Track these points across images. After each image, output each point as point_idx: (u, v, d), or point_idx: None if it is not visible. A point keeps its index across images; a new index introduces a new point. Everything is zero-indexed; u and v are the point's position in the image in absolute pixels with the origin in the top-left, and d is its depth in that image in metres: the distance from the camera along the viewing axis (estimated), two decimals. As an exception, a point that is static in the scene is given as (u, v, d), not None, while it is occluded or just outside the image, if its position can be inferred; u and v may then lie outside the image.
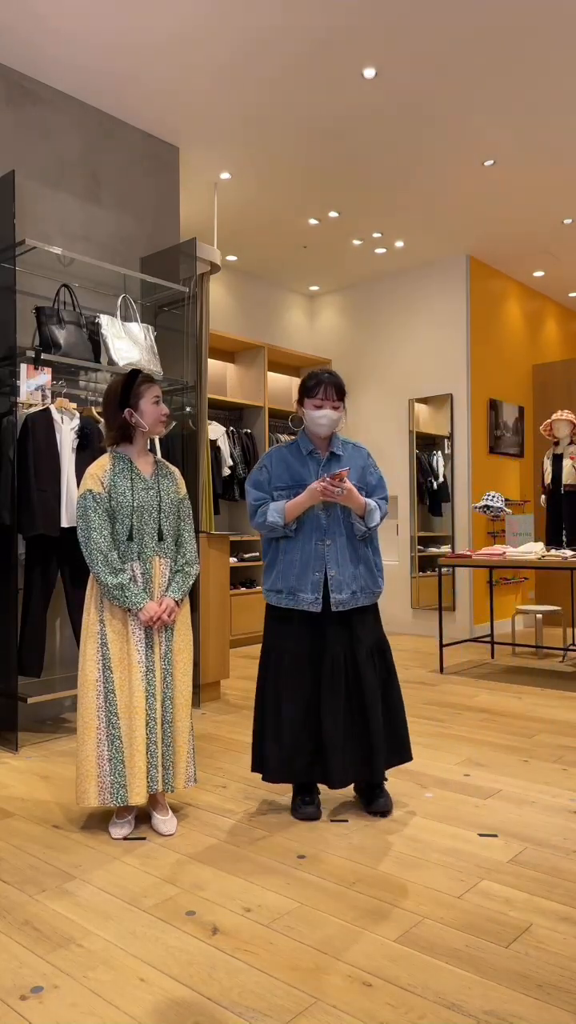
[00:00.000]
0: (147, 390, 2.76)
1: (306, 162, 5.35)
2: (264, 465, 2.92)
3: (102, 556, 2.64)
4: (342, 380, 2.88)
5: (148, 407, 2.76)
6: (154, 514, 2.74)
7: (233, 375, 7.22)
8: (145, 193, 4.96)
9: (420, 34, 3.97)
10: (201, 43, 4.06)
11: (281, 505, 2.80)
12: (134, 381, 2.75)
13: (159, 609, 2.68)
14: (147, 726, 2.67)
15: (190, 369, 4.69)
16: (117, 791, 2.65)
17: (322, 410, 2.81)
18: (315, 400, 2.82)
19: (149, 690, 2.68)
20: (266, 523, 2.82)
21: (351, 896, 2.26)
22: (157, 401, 2.78)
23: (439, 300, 7.30)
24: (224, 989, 1.82)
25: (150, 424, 2.77)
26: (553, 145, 5.13)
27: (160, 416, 2.79)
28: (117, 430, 2.76)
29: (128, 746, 2.65)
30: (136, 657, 2.67)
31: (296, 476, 2.86)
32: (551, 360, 8.39)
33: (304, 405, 2.86)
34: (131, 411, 2.74)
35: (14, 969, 1.91)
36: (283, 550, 2.87)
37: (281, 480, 2.87)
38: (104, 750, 2.66)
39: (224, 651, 4.72)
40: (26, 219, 4.27)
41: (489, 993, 1.80)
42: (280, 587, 2.85)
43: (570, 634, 6.99)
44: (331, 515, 2.84)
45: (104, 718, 2.67)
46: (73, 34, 3.97)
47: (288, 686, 2.82)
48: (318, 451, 2.91)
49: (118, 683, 2.67)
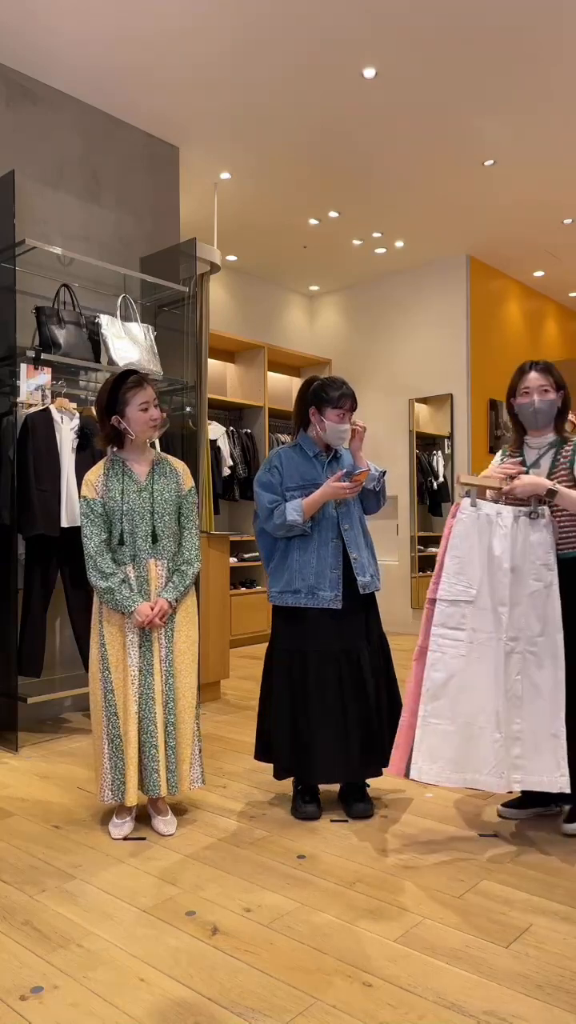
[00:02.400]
0: (134, 396, 2.68)
1: (306, 162, 5.35)
2: (275, 466, 2.90)
3: (92, 561, 2.66)
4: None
5: (135, 413, 2.69)
6: (146, 517, 2.71)
7: (233, 375, 7.22)
8: (145, 193, 4.96)
9: (420, 34, 3.97)
10: (201, 43, 4.06)
11: (298, 503, 2.79)
12: (121, 386, 2.69)
13: (151, 612, 2.66)
14: (141, 729, 2.67)
15: (190, 369, 4.69)
16: (118, 788, 2.68)
17: (344, 423, 2.83)
18: (339, 411, 2.82)
19: (144, 692, 2.67)
20: (285, 523, 2.80)
21: (351, 896, 2.26)
22: (146, 407, 2.69)
23: (439, 300, 7.30)
24: (224, 989, 1.82)
25: (137, 431, 2.70)
26: (553, 145, 5.13)
27: (149, 422, 2.70)
28: (106, 435, 2.74)
29: (125, 745, 2.67)
30: (130, 660, 2.67)
31: (307, 476, 2.87)
32: (551, 360, 8.39)
33: (325, 415, 2.84)
34: (118, 418, 2.70)
35: (14, 969, 1.91)
36: (297, 549, 2.85)
37: (292, 480, 2.86)
38: (106, 748, 2.69)
39: (224, 651, 4.72)
40: (26, 219, 4.27)
41: (489, 993, 1.80)
42: (298, 587, 2.83)
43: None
44: (343, 505, 2.88)
45: (105, 717, 2.69)
46: (73, 34, 3.97)
47: (301, 685, 2.81)
48: (323, 454, 2.93)
49: (115, 684, 2.69)
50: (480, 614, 2.57)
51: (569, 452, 2.68)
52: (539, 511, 2.59)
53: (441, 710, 2.53)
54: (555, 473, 2.68)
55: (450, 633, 2.56)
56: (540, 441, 2.76)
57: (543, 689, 2.56)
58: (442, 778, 2.51)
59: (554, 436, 2.74)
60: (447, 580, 2.58)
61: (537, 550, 2.59)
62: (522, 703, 2.57)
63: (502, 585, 2.57)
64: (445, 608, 2.57)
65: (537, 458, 2.74)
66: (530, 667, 2.57)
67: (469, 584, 2.57)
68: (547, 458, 2.72)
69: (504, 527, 2.58)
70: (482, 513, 2.60)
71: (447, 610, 2.57)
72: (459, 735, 2.52)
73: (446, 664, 2.54)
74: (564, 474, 2.66)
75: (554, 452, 2.71)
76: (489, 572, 2.58)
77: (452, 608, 2.57)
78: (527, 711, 2.57)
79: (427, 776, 2.50)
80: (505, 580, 2.56)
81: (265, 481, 2.89)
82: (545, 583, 2.58)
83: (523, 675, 2.58)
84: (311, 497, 2.79)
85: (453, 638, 2.56)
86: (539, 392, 2.70)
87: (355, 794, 2.90)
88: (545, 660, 2.56)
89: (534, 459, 2.75)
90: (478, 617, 2.57)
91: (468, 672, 2.54)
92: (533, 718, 2.56)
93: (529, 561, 2.59)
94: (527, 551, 2.59)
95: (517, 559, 2.59)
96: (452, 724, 2.52)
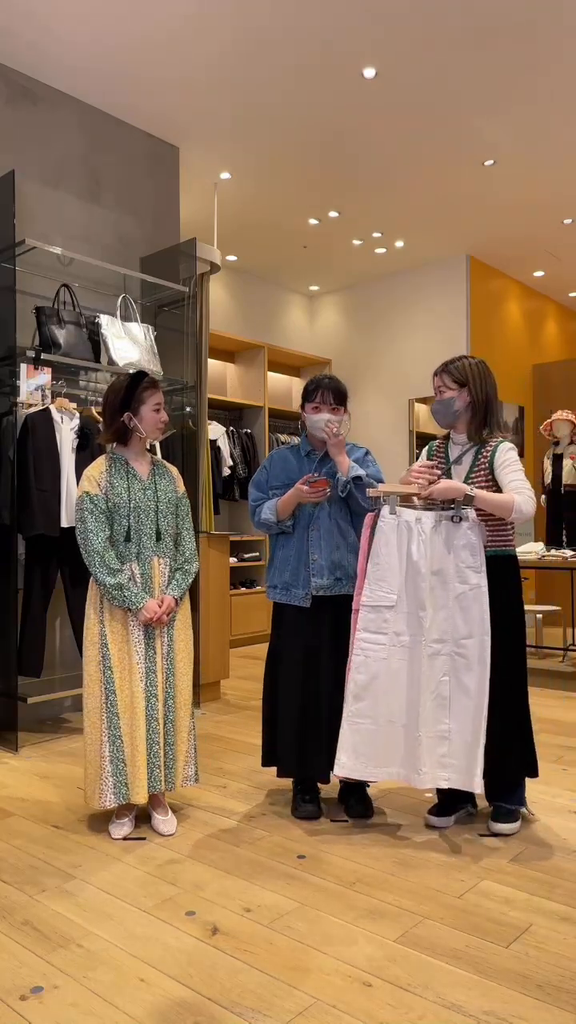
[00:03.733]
0: (150, 396, 2.76)
1: (306, 162, 5.35)
2: (265, 466, 3.00)
3: (99, 558, 2.65)
4: (342, 385, 2.91)
5: (148, 413, 2.76)
6: (151, 514, 2.75)
7: (233, 375, 7.22)
8: (145, 193, 4.96)
9: (420, 34, 3.97)
10: (201, 43, 4.06)
11: (273, 503, 2.88)
12: (138, 384, 2.74)
13: (159, 609, 2.68)
14: (148, 726, 2.68)
15: (190, 369, 4.69)
16: (120, 790, 2.66)
17: (320, 414, 2.84)
18: (313, 404, 2.88)
19: (150, 690, 2.69)
20: (260, 520, 2.91)
21: (351, 896, 2.26)
22: (158, 408, 2.78)
23: (439, 300, 7.30)
24: (224, 989, 1.82)
25: (148, 430, 2.78)
26: (553, 145, 5.13)
27: (159, 423, 2.79)
28: (114, 431, 2.76)
29: (129, 745, 2.66)
30: (136, 658, 2.67)
31: (292, 475, 2.92)
32: (551, 360, 8.39)
33: (304, 409, 2.92)
34: (130, 415, 2.74)
35: (14, 969, 1.91)
36: (280, 546, 2.94)
37: (278, 479, 2.94)
38: (107, 750, 2.67)
39: (224, 651, 4.73)
40: (26, 219, 4.27)
41: (489, 993, 1.80)
42: (276, 582, 2.93)
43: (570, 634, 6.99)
44: (317, 506, 2.88)
45: (106, 719, 2.67)
46: (73, 34, 3.97)
47: (287, 681, 2.86)
48: (316, 452, 2.95)
49: (118, 683, 2.68)
50: (401, 618, 2.63)
51: (488, 453, 2.70)
52: (461, 514, 2.61)
53: (364, 710, 2.61)
54: (474, 472, 2.71)
55: (372, 637, 2.62)
56: (463, 439, 2.79)
57: (470, 690, 2.60)
58: (365, 773, 2.62)
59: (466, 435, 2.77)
60: (369, 587, 2.63)
61: (462, 553, 2.61)
62: (450, 704, 2.62)
63: (421, 590, 2.60)
64: (368, 613, 2.63)
65: (460, 455, 2.77)
66: (459, 669, 2.62)
67: (390, 590, 2.62)
68: (468, 456, 2.75)
69: (423, 533, 2.62)
70: (402, 520, 2.64)
71: (369, 615, 2.63)
72: (381, 733, 2.61)
73: (368, 667, 2.61)
74: (483, 474, 2.68)
75: (475, 451, 2.74)
76: (409, 577, 2.63)
77: (374, 613, 2.63)
78: (455, 711, 2.62)
79: (348, 771, 2.61)
80: (424, 585, 2.60)
81: (255, 480, 3.00)
82: (471, 585, 2.60)
83: (451, 676, 2.62)
84: (283, 497, 2.85)
85: (375, 642, 2.62)
86: (437, 393, 2.76)
87: (355, 794, 2.90)
88: (473, 663, 2.60)
89: (457, 455, 2.78)
90: (399, 621, 2.63)
91: (390, 674, 2.62)
92: (461, 718, 2.61)
93: (453, 564, 2.62)
94: (450, 555, 2.62)
95: (439, 563, 2.62)
96: (374, 723, 2.61)
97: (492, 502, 2.56)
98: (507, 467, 2.65)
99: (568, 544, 6.22)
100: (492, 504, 2.57)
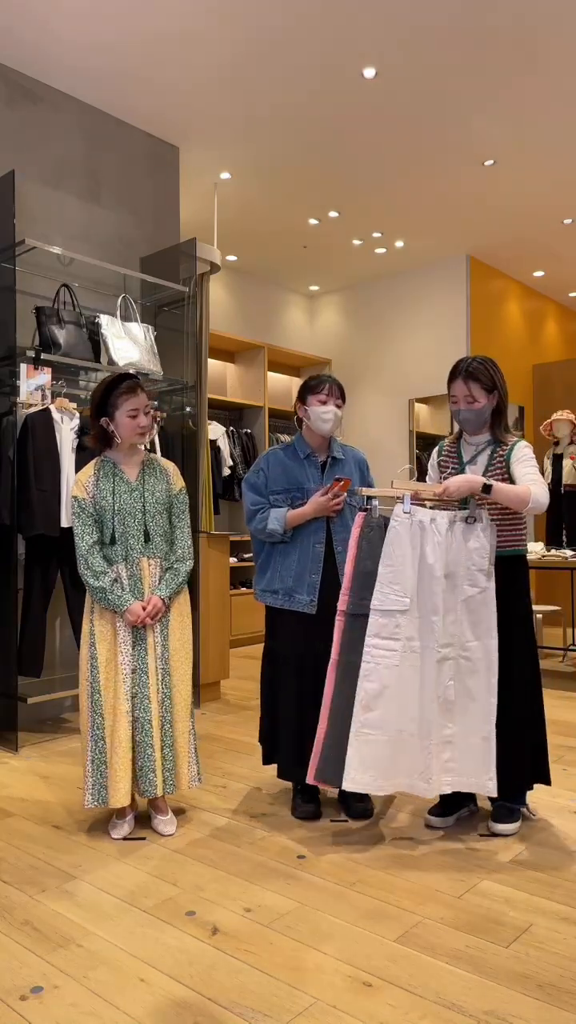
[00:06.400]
0: (125, 401, 2.67)
1: (306, 162, 5.35)
2: (261, 468, 2.90)
3: (84, 560, 2.65)
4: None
5: (123, 419, 2.68)
6: (138, 516, 2.71)
7: (233, 375, 7.22)
8: (145, 193, 4.96)
9: (420, 34, 3.97)
10: (201, 43, 4.06)
11: (282, 514, 2.80)
12: (114, 390, 2.69)
13: (143, 611, 2.66)
14: (136, 729, 2.66)
15: (190, 369, 4.69)
16: (98, 792, 2.65)
17: (327, 405, 2.81)
18: (320, 396, 2.82)
19: (138, 691, 2.66)
20: (265, 530, 2.82)
21: (351, 896, 2.26)
22: (135, 414, 2.68)
23: (439, 300, 7.30)
24: (224, 989, 1.82)
25: (124, 436, 2.70)
26: (553, 145, 5.13)
27: (136, 428, 2.69)
28: (95, 436, 2.75)
29: (109, 747, 2.64)
30: (121, 658, 2.66)
31: (294, 480, 2.85)
32: (551, 360, 8.39)
33: (307, 403, 2.85)
34: (107, 420, 2.70)
35: (14, 969, 1.91)
36: (280, 551, 2.87)
37: (278, 484, 2.86)
38: (89, 750, 2.66)
39: (224, 651, 4.72)
40: (26, 219, 4.27)
41: (489, 993, 1.80)
42: (276, 588, 2.86)
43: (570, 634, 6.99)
44: (336, 521, 2.84)
45: (90, 718, 2.67)
46: (74, 34, 3.97)
47: (286, 685, 2.84)
48: (316, 454, 2.90)
49: (103, 683, 2.66)
50: (414, 623, 2.54)
51: (505, 451, 2.69)
52: (476, 515, 2.57)
53: (374, 721, 2.49)
54: (491, 471, 2.70)
55: (384, 643, 2.51)
56: (478, 439, 2.78)
57: (476, 694, 2.55)
58: (374, 787, 2.50)
59: (490, 436, 2.76)
60: (380, 590, 2.52)
61: (473, 556, 2.56)
62: (454, 708, 2.57)
63: (435, 593, 2.52)
64: (379, 619, 2.52)
65: (474, 455, 2.76)
66: (463, 673, 2.57)
67: (403, 593, 2.52)
68: (484, 455, 2.74)
69: (438, 534, 2.54)
70: (415, 520, 2.54)
71: (380, 620, 2.51)
72: (390, 745, 2.50)
73: (379, 675, 2.50)
74: (499, 472, 2.68)
75: (491, 450, 2.73)
76: (423, 580, 2.54)
77: (386, 619, 2.51)
78: (459, 716, 2.57)
79: (359, 786, 2.49)
80: (438, 588, 2.52)
81: (252, 482, 2.90)
82: (480, 588, 2.56)
83: (456, 680, 2.57)
84: (299, 510, 2.78)
85: (387, 648, 2.51)
86: (465, 402, 2.70)
87: (355, 794, 2.90)
88: (479, 666, 2.56)
89: (471, 455, 2.77)
90: (412, 626, 2.53)
91: (400, 682, 2.51)
92: (465, 722, 2.56)
93: (464, 567, 2.56)
94: (462, 557, 2.56)
95: (451, 566, 2.55)
96: (384, 735, 2.50)
97: (509, 493, 2.52)
98: (523, 461, 2.64)
99: (568, 544, 6.22)
100: (509, 495, 2.52)
